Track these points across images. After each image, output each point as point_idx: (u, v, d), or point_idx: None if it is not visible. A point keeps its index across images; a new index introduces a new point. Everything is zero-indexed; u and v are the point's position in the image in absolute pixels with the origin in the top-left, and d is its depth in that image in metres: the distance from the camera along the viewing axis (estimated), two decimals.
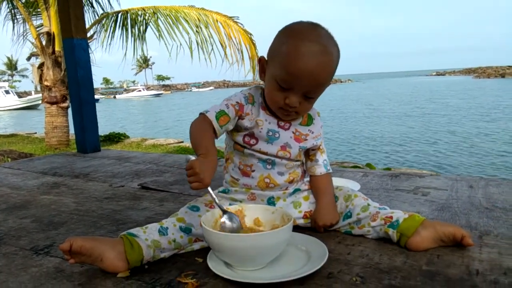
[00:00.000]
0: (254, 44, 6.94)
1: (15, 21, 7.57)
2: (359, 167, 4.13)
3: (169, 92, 78.39)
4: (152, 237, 1.12)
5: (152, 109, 32.03)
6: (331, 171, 1.32)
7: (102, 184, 2.06)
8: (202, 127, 1.13)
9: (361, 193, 1.29)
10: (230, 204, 1.27)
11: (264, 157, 1.22)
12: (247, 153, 1.23)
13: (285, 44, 1.08)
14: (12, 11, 7.38)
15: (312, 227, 1.27)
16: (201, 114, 1.17)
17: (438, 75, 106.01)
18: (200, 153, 1.02)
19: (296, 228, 1.23)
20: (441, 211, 1.43)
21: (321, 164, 1.30)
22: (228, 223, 1.06)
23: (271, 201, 1.27)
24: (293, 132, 1.23)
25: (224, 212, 1.08)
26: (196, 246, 1.18)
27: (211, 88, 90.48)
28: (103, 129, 13.07)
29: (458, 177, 1.87)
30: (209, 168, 0.99)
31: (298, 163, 1.28)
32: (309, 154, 1.31)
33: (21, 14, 7.38)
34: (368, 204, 1.22)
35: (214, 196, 1.06)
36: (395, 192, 1.67)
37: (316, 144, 1.27)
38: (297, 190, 1.30)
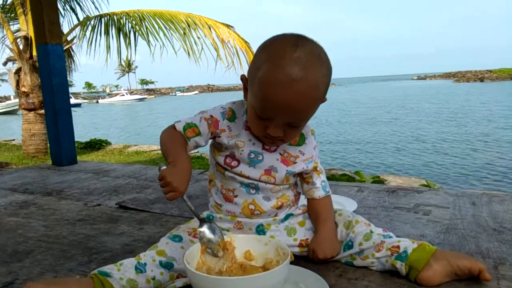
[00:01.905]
0: (251, 50, 6.73)
1: None
2: (348, 176, 4.03)
3: (153, 96, 77.52)
4: (127, 276, 0.98)
5: (136, 114, 31.58)
6: (330, 192, 1.19)
7: (76, 203, 1.89)
8: (171, 136, 1.06)
9: (361, 216, 1.16)
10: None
11: (246, 181, 1.08)
12: (228, 176, 1.10)
13: (260, 70, 0.92)
14: None
15: (309, 257, 1.14)
16: (172, 124, 1.09)
17: (419, 79, 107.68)
18: (169, 161, 0.95)
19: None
20: (446, 233, 1.32)
21: (319, 187, 1.16)
22: (207, 233, 0.97)
23: (260, 229, 1.13)
24: (280, 154, 1.09)
25: (202, 221, 0.98)
26: (179, 283, 1.03)
27: (196, 92, 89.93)
28: (84, 135, 12.81)
29: (459, 193, 1.76)
30: (180, 175, 0.91)
31: (287, 185, 1.14)
32: (303, 176, 1.17)
33: None
34: (371, 231, 1.09)
35: (190, 204, 0.97)
36: (394, 211, 1.55)
37: (307, 168, 1.13)
38: (290, 216, 1.17)
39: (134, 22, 6.65)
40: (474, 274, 0.97)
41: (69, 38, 7.44)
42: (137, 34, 6.53)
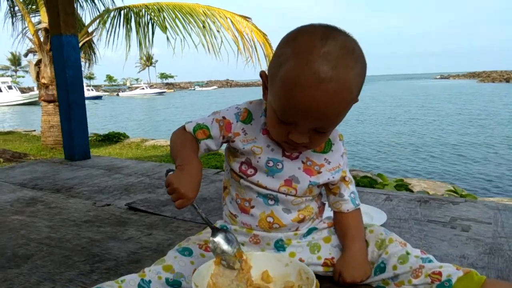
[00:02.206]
0: (269, 44, 6.57)
1: (15, 17, 7.35)
2: (370, 178, 3.86)
3: (172, 90, 78.09)
4: None
5: (154, 107, 31.80)
6: (360, 205, 1.05)
7: (84, 202, 1.79)
8: (181, 138, 0.96)
9: (395, 234, 1.02)
10: None
11: (264, 191, 0.95)
12: (244, 185, 0.97)
13: (283, 66, 0.79)
14: (12, 7, 7.15)
15: (335, 280, 1.00)
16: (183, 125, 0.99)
17: (442, 78, 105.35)
18: (177, 165, 0.87)
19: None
20: (490, 255, 1.16)
21: (348, 199, 1.02)
22: (221, 243, 0.87)
23: (279, 245, 1.00)
24: (302, 162, 0.95)
25: (215, 230, 0.87)
26: None
27: (215, 87, 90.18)
28: (103, 127, 12.88)
29: (500, 206, 1.59)
30: (189, 180, 0.83)
31: (310, 197, 1.00)
32: (329, 187, 1.03)
33: (20, 11, 7.15)
34: (407, 253, 0.95)
35: (201, 212, 0.88)
36: (429, 225, 1.40)
37: (333, 180, 0.98)
38: (313, 230, 1.03)
39: (153, 14, 6.58)
40: None
41: (89, 30, 7.43)
42: (155, 26, 6.45)
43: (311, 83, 0.75)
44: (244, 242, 1.00)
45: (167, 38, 6.38)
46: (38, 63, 7.05)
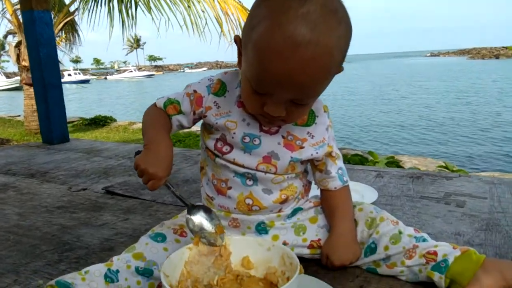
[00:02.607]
0: None
1: None
2: (360, 156, 3.79)
3: (161, 73, 76.99)
4: (94, 287, 0.78)
5: (143, 90, 31.35)
6: (348, 182, 0.96)
7: (59, 186, 1.69)
8: (151, 115, 0.90)
9: (386, 212, 0.94)
10: None
11: (241, 170, 0.86)
12: (220, 164, 0.88)
13: (255, 30, 0.69)
14: None
15: (322, 263, 0.92)
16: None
17: (433, 55, 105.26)
18: (144, 145, 0.82)
19: (300, 261, 0.88)
20: (487, 231, 1.10)
21: (335, 176, 0.93)
22: (199, 220, 0.80)
23: (261, 228, 0.91)
24: (283, 137, 0.86)
25: (192, 208, 0.81)
26: None
27: (205, 69, 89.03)
28: (90, 111, 12.63)
29: (495, 180, 1.53)
30: (156, 159, 0.78)
31: (293, 175, 0.91)
32: (315, 163, 0.94)
33: None
34: (400, 232, 0.87)
35: (174, 190, 0.81)
36: (422, 201, 1.33)
37: (317, 155, 0.89)
38: (298, 210, 0.95)
39: None
40: None
41: (71, 10, 7.16)
42: (138, 4, 6.22)
43: (286, 47, 0.66)
44: (223, 227, 0.92)
45: (152, 18, 6.17)
46: (18, 44, 6.79)
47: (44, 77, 2.46)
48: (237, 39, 0.80)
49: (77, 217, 1.34)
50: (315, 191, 1.00)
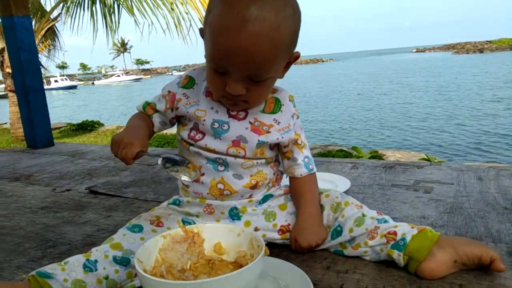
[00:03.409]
0: None
1: None
2: (345, 152, 3.87)
3: (149, 76, 76.59)
4: (74, 276, 0.82)
5: (131, 94, 31.19)
6: (314, 170, 1.02)
7: (44, 188, 1.72)
8: (133, 117, 1.00)
9: (352, 197, 1.00)
10: (183, 221, 0.97)
11: (213, 155, 0.92)
12: (193, 152, 0.94)
13: (211, 12, 0.79)
14: None
15: (292, 248, 0.98)
16: None
17: (418, 51, 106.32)
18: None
19: (272, 246, 0.94)
20: (451, 214, 1.16)
21: (301, 163, 0.99)
22: (169, 158, 0.84)
23: (233, 214, 0.97)
24: (250, 122, 0.93)
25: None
26: (139, 282, 0.87)
27: None
28: (78, 117, 12.56)
29: (463, 167, 1.60)
30: (132, 133, 0.86)
31: (263, 161, 0.96)
32: (283, 150, 1.00)
33: None
34: (363, 215, 0.93)
35: (149, 152, 0.85)
36: (392, 189, 1.39)
37: (283, 140, 0.95)
38: (269, 197, 1.00)
39: None
40: (485, 264, 0.81)
41: (52, 16, 7.12)
42: (121, 9, 6.22)
43: (235, 24, 0.74)
44: (199, 213, 0.97)
45: (135, 21, 6.17)
46: (1, 51, 6.74)
47: (25, 82, 2.48)
48: (201, 30, 0.87)
49: (60, 216, 1.38)
50: (287, 181, 1.06)
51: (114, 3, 6.24)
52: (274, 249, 0.96)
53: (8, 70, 6.71)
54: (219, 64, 0.81)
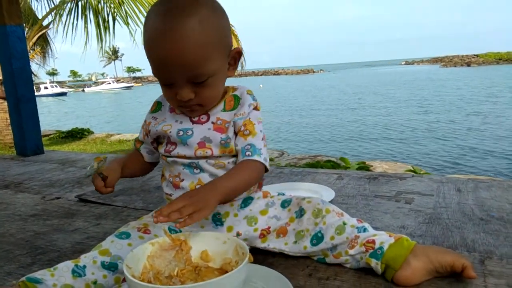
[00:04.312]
0: (235, 34, 6.53)
1: None
2: (333, 162, 3.93)
3: (140, 84, 76.50)
4: (62, 281, 0.85)
5: (121, 102, 31.08)
6: (252, 158, 0.93)
7: (33, 196, 1.74)
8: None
9: (335, 205, 1.03)
10: (170, 229, 1.00)
11: (186, 161, 0.98)
12: (170, 162, 1.00)
13: (143, 33, 0.90)
14: None
15: (271, 250, 1.02)
16: None
17: (407, 64, 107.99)
18: None
19: (256, 253, 0.97)
20: (429, 224, 1.21)
21: (239, 150, 0.95)
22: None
23: (217, 219, 1.00)
24: (212, 123, 0.97)
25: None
26: (126, 287, 0.90)
27: None
28: (67, 124, 12.49)
29: (444, 179, 1.66)
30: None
31: (234, 159, 0.98)
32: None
33: None
34: (344, 223, 0.97)
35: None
36: (375, 200, 1.44)
37: (238, 123, 0.95)
38: (249, 200, 1.03)
39: (112, 6, 6.39)
40: (457, 271, 0.86)
41: (44, 23, 7.14)
42: (115, 18, 6.26)
43: (157, 36, 0.84)
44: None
45: (130, 32, 6.21)
46: None
47: (17, 90, 2.50)
48: None
49: (50, 223, 1.40)
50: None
51: (108, 15, 6.28)
52: (258, 255, 1.00)
53: None
54: (161, 77, 0.89)
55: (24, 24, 2.54)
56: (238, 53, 0.96)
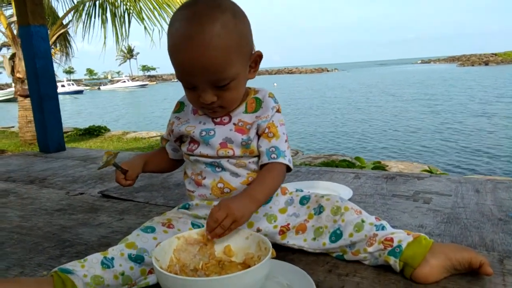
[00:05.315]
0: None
1: None
2: (348, 162, 3.92)
3: (155, 82, 77.06)
4: (92, 272, 0.89)
5: (136, 100, 31.42)
6: (276, 160, 0.97)
7: (58, 191, 1.80)
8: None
9: (353, 203, 1.05)
10: (193, 224, 1.03)
11: (208, 160, 1.00)
12: (193, 160, 1.03)
13: (167, 39, 0.91)
14: None
15: (290, 247, 1.05)
16: None
17: (423, 63, 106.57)
18: None
19: (278, 250, 0.99)
20: (448, 223, 1.22)
21: (263, 151, 0.98)
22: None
23: None
24: (234, 124, 1.00)
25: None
26: (152, 279, 0.94)
27: None
28: (84, 122, 12.70)
29: (462, 179, 1.66)
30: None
31: (255, 159, 1.01)
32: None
33: None
34: (363, 221, 0.99)
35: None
36: (392, 199, 1.45)
37: (262, 125, 0.98)
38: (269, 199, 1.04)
39: (129, 4, 6.47)
40: (475, 268, 0.87)
41: (64, 22, 7.28)
42: (132, 16, 6.35)
43: (181, 41, 0.86)
44: (206, 215, 1.01)
45: (145, 28, 6.29)
46: (13, 57, 6.89)
47: (40, 88, 2.57)
48: None
49: (75, 218, 1.45)
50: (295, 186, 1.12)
51: (124, 12, 6.37)
52: (279, 252, 1.02)
53: (19, 75, 6.85)
54: (184, 80, 0.91)
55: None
56: (259, 56, 0.98)
